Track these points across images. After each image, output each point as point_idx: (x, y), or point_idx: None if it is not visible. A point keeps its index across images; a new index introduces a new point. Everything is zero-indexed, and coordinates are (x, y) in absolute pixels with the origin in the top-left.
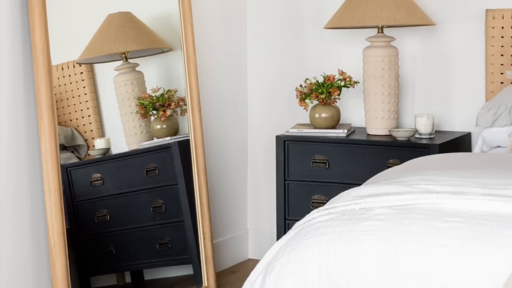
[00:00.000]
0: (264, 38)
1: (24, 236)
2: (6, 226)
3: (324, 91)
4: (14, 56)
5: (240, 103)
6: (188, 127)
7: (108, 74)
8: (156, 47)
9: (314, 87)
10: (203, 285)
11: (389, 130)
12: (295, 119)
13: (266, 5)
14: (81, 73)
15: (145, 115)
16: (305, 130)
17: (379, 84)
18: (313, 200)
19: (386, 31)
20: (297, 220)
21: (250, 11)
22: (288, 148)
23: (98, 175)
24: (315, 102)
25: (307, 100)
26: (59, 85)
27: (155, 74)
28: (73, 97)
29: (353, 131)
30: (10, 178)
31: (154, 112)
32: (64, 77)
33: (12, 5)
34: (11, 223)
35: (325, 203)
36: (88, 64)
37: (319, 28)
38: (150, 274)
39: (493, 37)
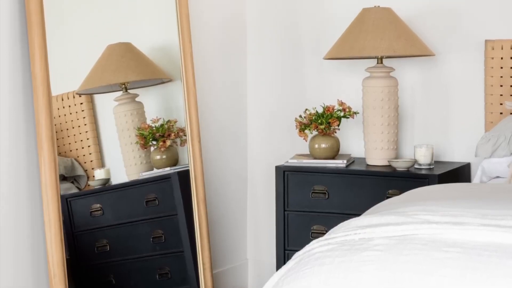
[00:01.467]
0: (264, 68)
1: (24, 266)
2: (7, 256)
3: (323, 122)
4: (14, 87)
5: (240, 133)
6: (188, 157)
7: (108, 105)
8: (156, 77)
9: (313, 118)
10: None
11: (388, 161)
12: (295, 149)
13: (266, 35)
14: (81, 103)
15: (145, 145)
16: (304, 161)
17: (378, 115)
18: (312, 230)
19: (386, 61)
20: (297, 250)
21: (250, 41)
22: (288, 178)
23: (98, 205)
24: (315, 132)
25: (306, 131)
26: (59, 116)
27: (155, 105)
28: (73, 128)
29: (353, 162)
30: (10, 208)
31: (154, 142)
32: (64, 107)
33: (12, 35)
34: (11, 253)
35: (324, 233)
36: (88, 94)
37: (318, 58)
38: None
39: (492, 67)
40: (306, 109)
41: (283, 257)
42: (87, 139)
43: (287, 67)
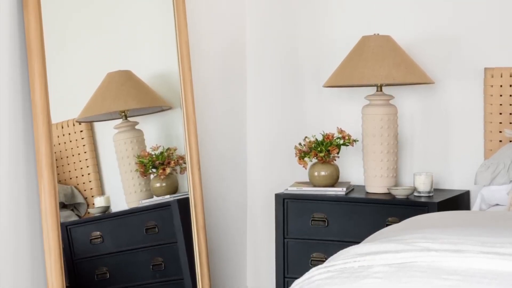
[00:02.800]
0: (264, 96)
1: None
2: (7, 284)
3: (323, 150)
4: (14, 114)
5: (239, 160)
6: (188, 185)
7: (107, 132)
8: (155, 105)
9: (313, 145)
10: None
11: (388, 188)
12: (295, 176)
13: (266, 62)
14: (81, 131)
15: (144, 173)
16: (304, 188)
17: (378, 142)
18: (312, 258)
19: (385, 89)
20: (296, 278)
21: (249, 69)
22: (287, 206)
23: (98, 233)
24: (314, 160)
25: (306, 158)
26: (59, 143)
27: (154, 132)
28: (73, 155)
29: (352, 189)
30: (10, 236)
31: (154, 170)
32: (64, 135)
33: (12, 63)
34: (12, 281)
35: (324, 261)
36: (88, 122)
37: (318, 86)
38: None
39: (491, 95)
40: (306, 137)
41: (282, 285)
42: (87, 166)
43: (287, 94)
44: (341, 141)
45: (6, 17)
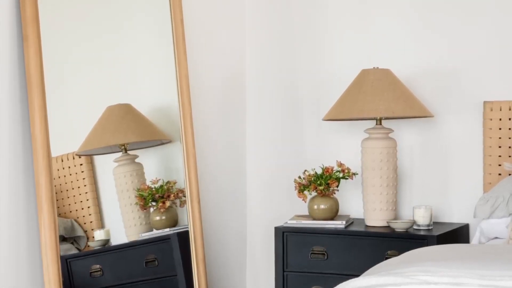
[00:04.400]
0: (263, 129)
1: None
2: None
3: (322, 183)
4: (14, 148)
5: (239, 194)
6: (187, 218)
7: (107, 166)
8: (155, 138)
9: (312, 179)
10: None
11: (387, 222)
12: (294, 209)
13: (265, 95)
14: (81, 164)
15: (144, 206)
16: (303, 222)
17: (377, 176)
18: None
19: (385, 122)
20: None
21: (249, 102)
22: (287, 239)
23: (98, 266)
24: (314, 193)
25: (305, 192)
26: (59, 177)
27: (154, 166)
28: (73, 189)
29: (352, 223)
30: (10, 269)
31: (154, 203)
32: (63, 168)
33: (12, 97)
34: None
35: None
36: (88, 155)
37: (318, 119)
38: None
39: (490, 128)
40: (305, 170)
41: None
42: (87, 200)
43: (286, 127)
44: (341, 175)
45: (6, 51)
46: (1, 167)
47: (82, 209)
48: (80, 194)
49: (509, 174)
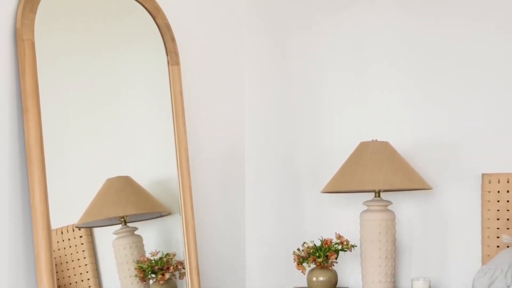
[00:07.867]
0: (262, 201)
1: None
2: None
3: (321, 255)
4: (14, 220)
5: (238, 265)
6: None
7: (107, 238)
8: (154, 211)
9: (311, 251)
10: None
11: None
12: (293, 282)
13: (264, 168)
14: (81, 236)
15: (144, 278)
16: None
17: (376, 248)
18: None
19: (383, 195)
20: None
21: (248, 174)
22: None
23: None
24: (313, 265)
25: (304, 264)
26: (58, 249)
27: (153, 238)
28: (73, 261)
29: None
30: None
31: (153, 275)
32: (63, 240)
33: (12, 169)
34: None
35: None
36: (88, 228)
37: (316, 191)
38: None
39: (489, 201)
40: (304, 242)
41: None
42: (87, 272)
43: (285, 200)
44: (339, 247)
45: (6, 123)
46: (1, 239)
47: (82, 281)
48: (79, 266)
49: (507, 246)
